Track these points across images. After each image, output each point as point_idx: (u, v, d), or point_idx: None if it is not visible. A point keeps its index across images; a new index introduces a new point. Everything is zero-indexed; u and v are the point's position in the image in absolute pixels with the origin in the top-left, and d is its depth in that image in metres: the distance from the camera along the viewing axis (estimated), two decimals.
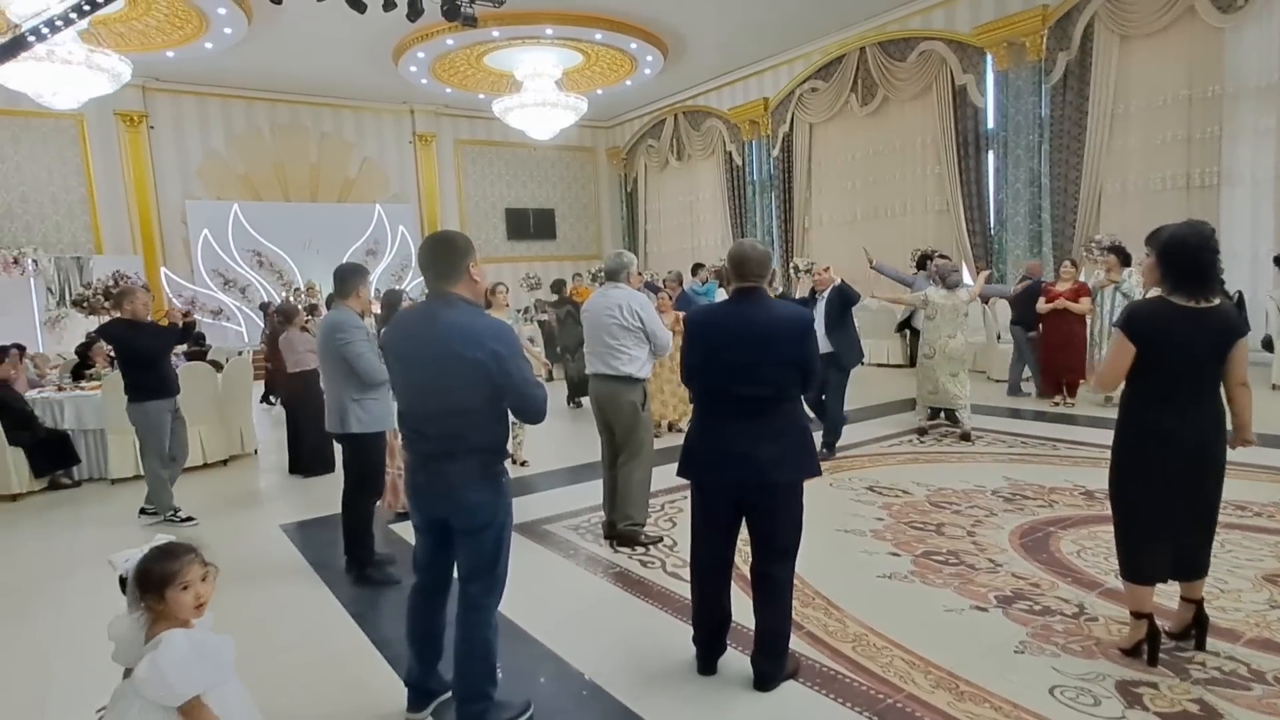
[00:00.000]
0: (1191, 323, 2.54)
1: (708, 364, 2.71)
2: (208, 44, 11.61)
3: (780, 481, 2.63)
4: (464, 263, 2.44)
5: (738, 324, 2.67)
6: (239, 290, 14.71)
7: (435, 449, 2.42)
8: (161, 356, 5.22)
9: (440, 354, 2.34)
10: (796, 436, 2.68)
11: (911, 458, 5.99)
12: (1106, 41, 10.03)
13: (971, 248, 11.79)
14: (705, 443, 2.72)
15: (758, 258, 2.76)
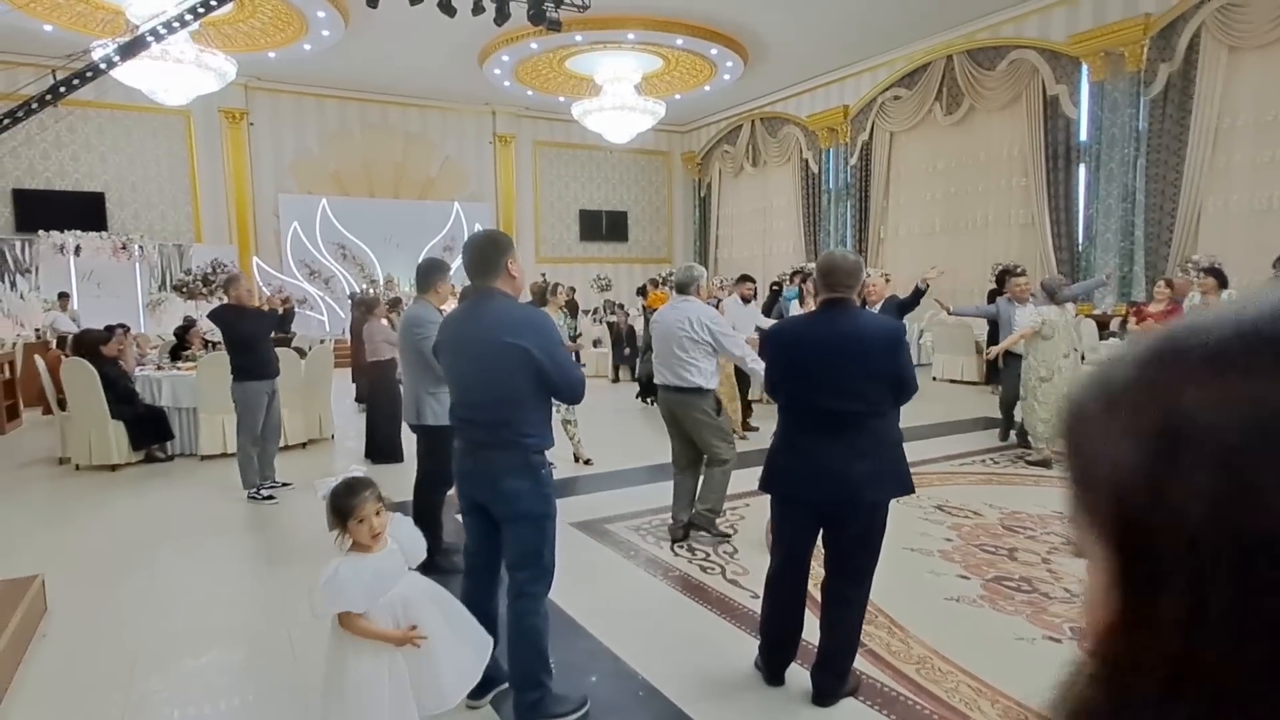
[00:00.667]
0: None
1: (794, 377, 2.66)
2: (306, 45, 12.16)
3: (871, 500, 2.57)
4: (503, 259, 2.56)
5: (826, 336, 2.59)
6: (323, 281, 15.34)
7: (483, 437, 2.55)
8: (262, 340, 5.53)
9: (485, 343, 2.48)
10: (889, 453, 2.61)
11: (984, 478, 5.81)
12: (1214, 52, 9.51)
13: (1057, 264, 11.33)
14: (791, 458, 2.65)
15: (848, 267, 2.63)
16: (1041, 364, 6.03)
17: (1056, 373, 5.95)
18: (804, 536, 2.71)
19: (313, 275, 15.31)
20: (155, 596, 3.87)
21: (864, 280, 5.41)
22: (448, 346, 2.66)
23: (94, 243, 12.66)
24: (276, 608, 3.69)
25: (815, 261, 4.77)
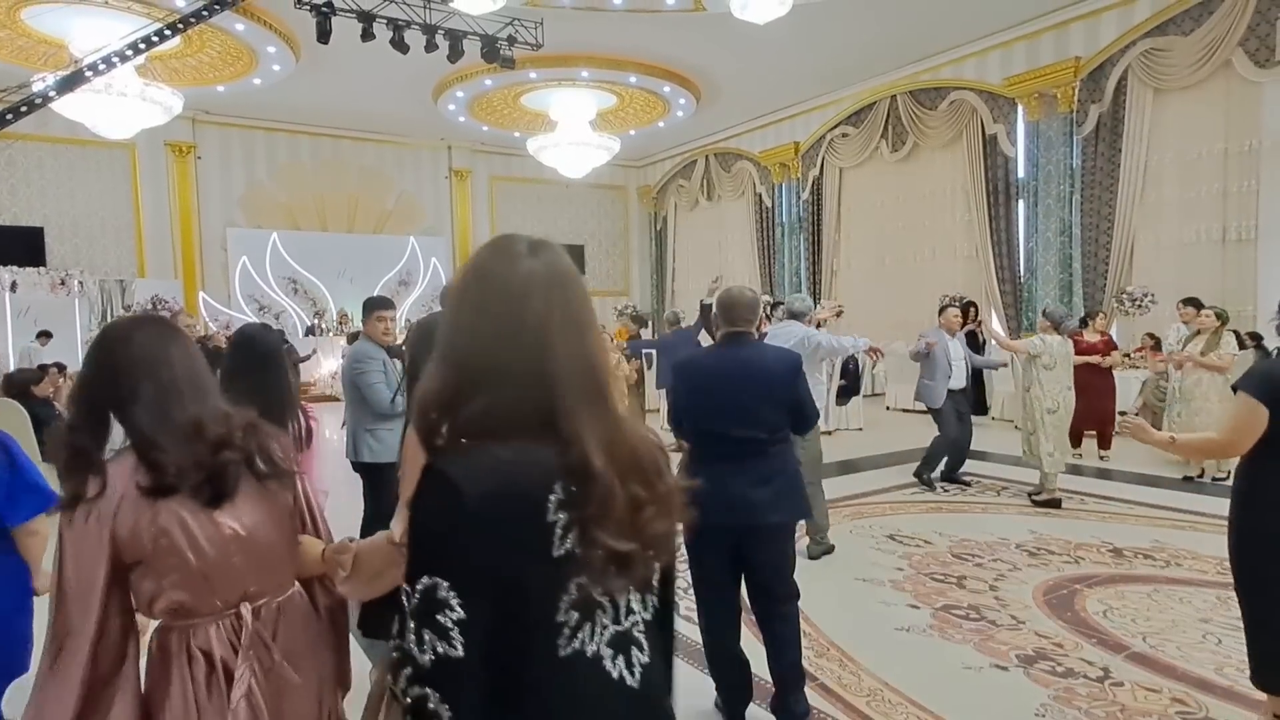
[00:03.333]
0: None
1: (699, 407, 2.76)
2: (256, 80, 12.05)
3: (775, 523, 2.66)
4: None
5: (729, 367, 2.72)
6: (273, 316, 15.02)
7: None
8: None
9: None
10: (789, 478, 2.71)
11: (934, 506, 5.89)
12: (1140, 94, 10.01)
13: (1001, 295, 11.70)
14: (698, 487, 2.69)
15: (746, 302, 2.80)
16: (1047, 395, 5.89)
17: (1062, 404, 5.85)
18: (725, 571, 2.74)
19: (262, 310, 14.98)
20: None
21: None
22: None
23: (31, 278, 12.25)
24: None
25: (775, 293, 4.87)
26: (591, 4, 9.90)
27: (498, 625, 0.91)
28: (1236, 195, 9.32)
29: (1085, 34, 10.45)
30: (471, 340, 0.99)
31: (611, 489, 0.95)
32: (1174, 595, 3.89)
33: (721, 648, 2.77)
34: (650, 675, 1.03)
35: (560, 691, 0.95)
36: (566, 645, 0.96)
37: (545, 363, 0.97)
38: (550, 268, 1.02)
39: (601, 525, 0.94)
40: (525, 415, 0.96)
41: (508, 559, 0.92)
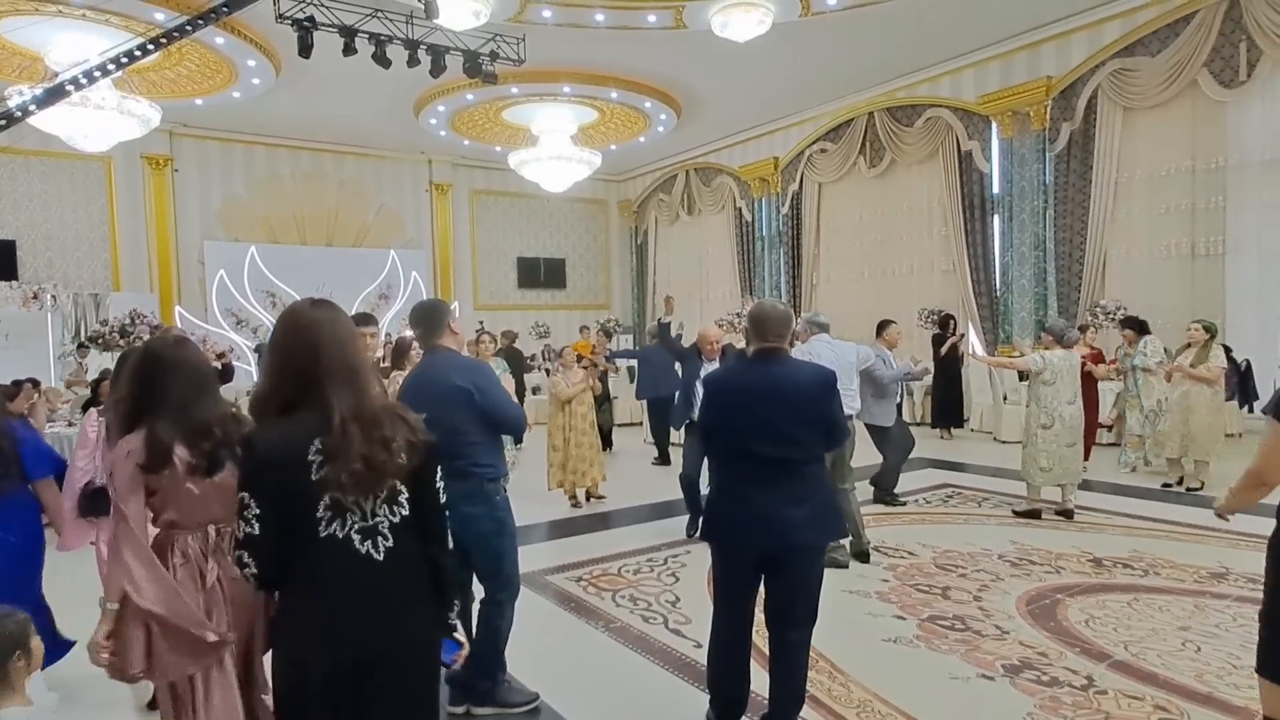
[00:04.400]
0: None
1: (730, 425, 2.69)
2: (236, 93, 11.98)
3: (809, 545, 2.62)
4: (442, 321, 3.06)
5: (762, 384, 2.64)
6: (251, 330, 14.87)
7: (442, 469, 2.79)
8: None
9: (436, 387, 2.88)
10: (823, 498, 2.67)
11: (918, 518, 5.96)
12: (1110, 113, 10.27)
13: (978, 309, 11.88)
14: (730, 505, 2.68)
15: (779, 317, 2.72)
16: (1043, 410, 5.80)
17: (1058, 419, 5.73)
18: (746, 585, 2.71)
19: (240, 324, 14.82)
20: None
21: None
22: (411, 396, 2.94)
23: (2, 292, 12.03)
24: None
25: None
26: (574, 21, 9.97)
27: (280, 518, 1.65)
28: (1204, 211, 9.57)
29: (1056, 54, 10.71)
30: (277, 359, 1.75)
31: (349, 440, 1.64)
32: (1153, 604, 3.97)
33: (731, 660, 2.74)
34: (394, 556, 1.71)
35: (318, 556, 1.67)
36: (324, 531, 1.67)
37: (316, 369, 1.69)
38: (324, 313, 1.78)
39: (338, 461, 1.63)
40: (303, 400, 1.69)
41: (283, 483, 1.66)
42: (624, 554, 5.17)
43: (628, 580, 4.65)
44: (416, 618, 1.75)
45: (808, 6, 9.60)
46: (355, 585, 1.66)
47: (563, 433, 6.70)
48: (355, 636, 1.65)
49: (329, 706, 1.64)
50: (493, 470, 2.98)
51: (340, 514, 1.66)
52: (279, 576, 1.68)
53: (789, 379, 2.65)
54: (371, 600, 1.67)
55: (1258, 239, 9.22)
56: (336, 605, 1.65)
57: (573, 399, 6.72)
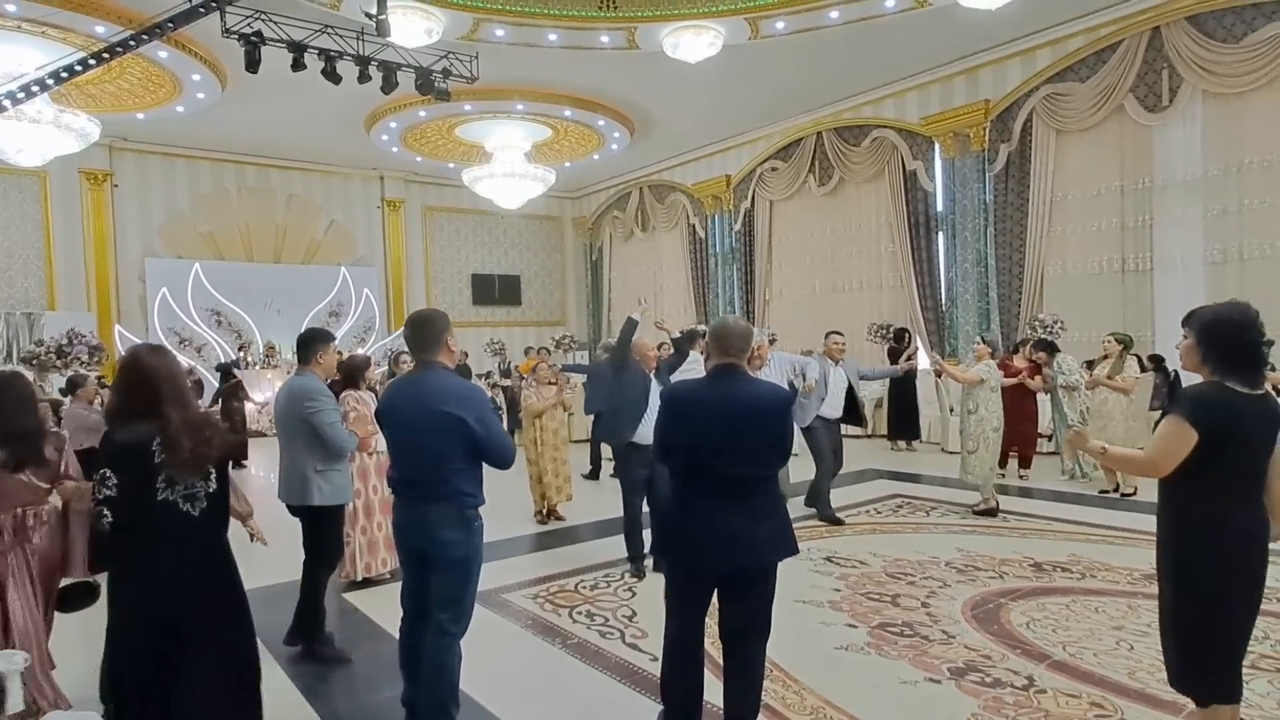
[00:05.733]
0: (1250, 409, 2.30)
1: (689, 442, 2.65)
2: (179, 107, 11.73)
3: (772, 562, 2.62)
4: (441, 336, 2.90)
5: (721, 401, 2.61)
6: (195, 350, 14.47)
7: (423, 493, 2.82)
8: None
9: (425, 410, 2.77)
10: (781, 515, 2.68)
11: (869, 528, 6.09)
12: (1044, 135, 10.72)
13: (925, 323, 12.22)
14: (689, 523, 2.65)
15: (740, 333, 2.71)
16: (993, 414, 6.44)
17: (1000, 423, 6.47)
18: (702, 602, 2.73)
19: (183, 344, 14.41)
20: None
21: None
22: (392, 413, 2.94)
23: None
24: None
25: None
26: (527, 40, 10.05)
27: (129, 488, 2.39)
28: (1133, 229, 10.03)
29: (994, 78, 11.16)
30: (127, 387, 2.52)
31: (178, 439, 2.40)
32: (1090, 605, 4.13)
33: (684, 672, 2.74)
34: (206, 513, 2.50)
35: (154, 513, 2.41)
36: (159, 496, 2.41)
37: (156, 392, 2.46)
38: (157, 355, 2.59)
39: (173, 454, 2.39)
40: (149, 411, 2.43)
41: (132, 468, 2.39)
42: (582, 570, 5.17)
43: (585, 596, 4.65)
44: (221, 552, 2.61)
45: (756, 30, 9.84)
46: (181, 531, 2.45)
47: (535, 447, 6.71)
48: (181, 563, 2.45)
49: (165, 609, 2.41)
50: (473, 499, 2.86)
51: (171, 485, 2.43)
52: (127, 525, 2.38)
53: (749, 396, 2.64)
54: (190, 540, 2.48)
55: (1182, 255, 9.70)
56: (168, 543, 2.44)
57: (543, 413, 6.74)
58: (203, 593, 2.49)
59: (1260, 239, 8.97)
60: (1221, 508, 2.32)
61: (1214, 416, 2.28)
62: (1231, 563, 2.31)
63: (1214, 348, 2.36)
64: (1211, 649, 2.33)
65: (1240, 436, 2.29)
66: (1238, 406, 2.29)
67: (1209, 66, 9.06)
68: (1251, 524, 2.33)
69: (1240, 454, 2.31)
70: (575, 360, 15.05)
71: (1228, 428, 2.27)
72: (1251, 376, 2.33)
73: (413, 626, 2.95)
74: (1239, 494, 2.33)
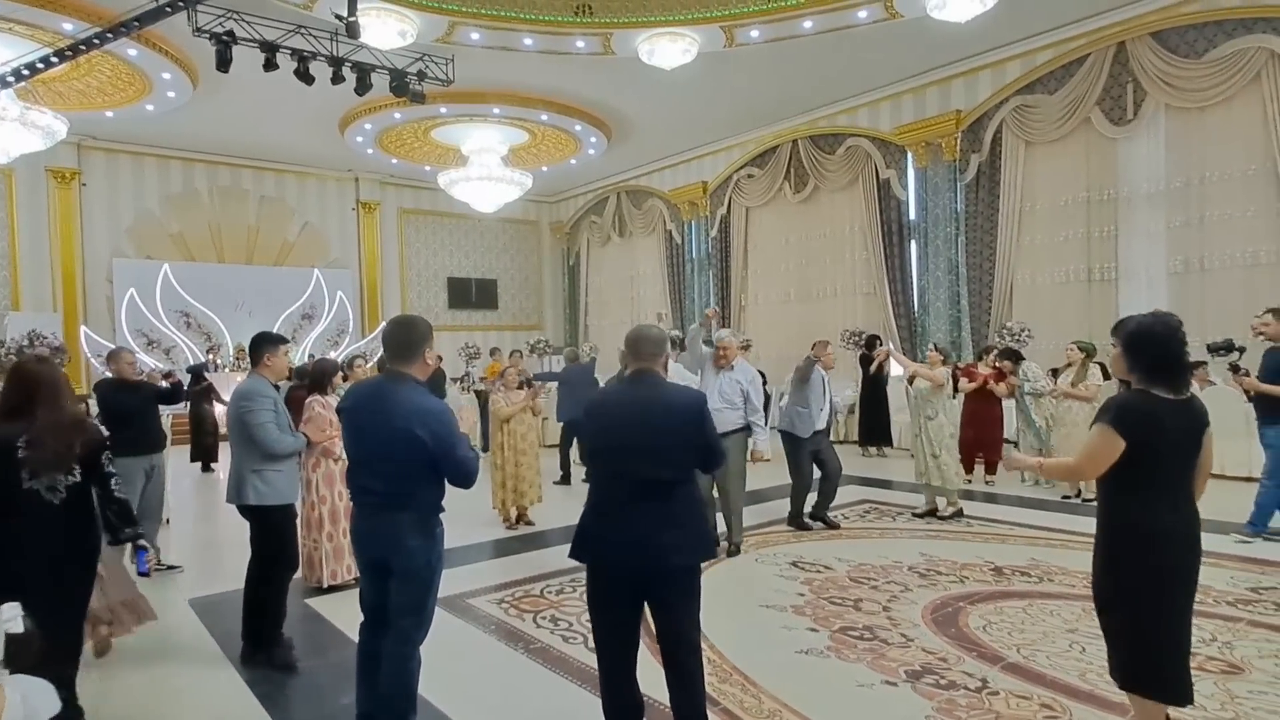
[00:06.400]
0: (1174, 415, 2.41)
1: (606, 446, 2.70)
2: (149, 106, 11.59)
3: (681, 566, 2.59)
4: (421, 347, 2.84)
5: (634, 405, 2.67)
6: (163, 352, 14.26)
7: (380, 502, 2.79)
8: (137, 413, 5.44)
9: (386, 426, 2.73)
10: (696, 519, 2.67)
11: (836, 533, 6.13)
12: (1013, 146, 10.90)
13: (898, 330, 12.35)
14: (602, 525, 2.66)
15: (653, 338, 2.77)
16: (950, 421, 6.63)
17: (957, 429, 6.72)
18: (623, 603, 2.67)
19: (151, 345, 14.19)
20: None
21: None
22: (351, 417, 2.89)
23: None
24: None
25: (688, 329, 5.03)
26: (503, 44, 10.05)
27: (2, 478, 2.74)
28: (1098, 240, 10.23)
29: (965, 90, 11.33)
30: (8, 388, 2.88)
31: (43, 438, 2.76)
32: (1046, 609, 4.20)
33: (618, 693, 2.70)
34: (66, 502, 2.82)
35: (21, 499, 2.74)
36: (25, 485, 2.74)
37: (32, 396, 2.81)
38: (41, 364, 2.99)
39: (34, 449, 2.73)
40: (22, 413, 2.79)
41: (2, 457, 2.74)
42: (548, 575, 5.16)
43: (550, 601, 4.65)
44: (80, 535, 2.92)
45: (731, 38, 9.92)
46: (43, 517, 2.78)
47: (503, 452, 6.68)
48: (42, 544, 2.79)
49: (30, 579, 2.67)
50: (433, 504, 2.83)
51: (35, 477, 2.75)
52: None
53: (661, 400, 2.66)
54: (51, 525, 2.80)
55: (1146, 265, 9.90)
56: (32, 527, 2.77)
57: (511, 418, 6.72)
58: (55, 565, 2.85)
59: (1220, 251, 9.19)
60: (1148, 510, 2.43)
61: (1139, 423, 2.39)
62: (1158, 562, 2.42)
63: (1139, 357, 2.48)
64: (1145, 647, 2.42)
65: (1165, 441, 2.41)
66: (1161, 413, 2.41)
67: (1172, 81, 9.28)
68: (1177, 525, 2.44)
69: (1165, 458, 2.43)
70: (550, 364, 15.01)
71: (1152, 434, 2.39)
72: (1175, 383, 2.45)
73: (372, 634, 2.93)
74: (1165, 496, 2.44)
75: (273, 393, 3.90)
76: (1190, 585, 2.45)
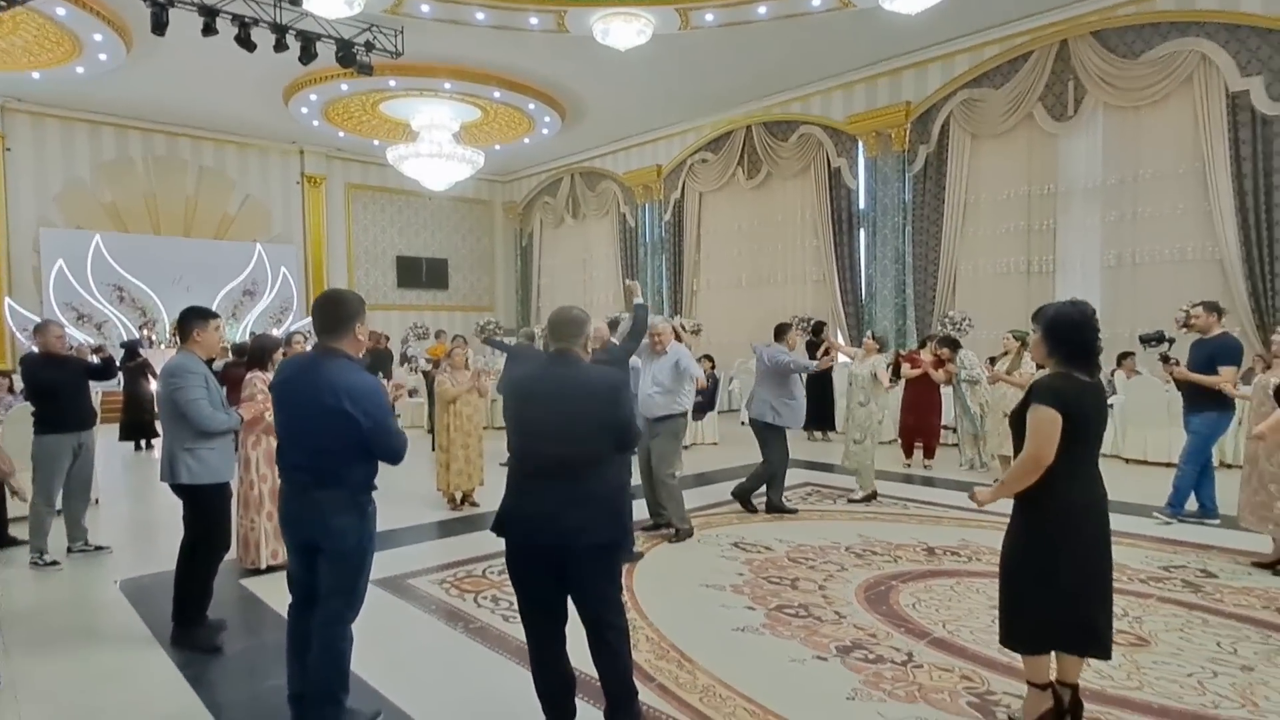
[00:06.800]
0: (1091, 396, 2.63)
1: (522, 423, 2.73)
2: (79, 68, 11.05)
3: (589, 544, 2.59)
4: (351, 323, 2.77)
5: (550, 385, 2.70)
6: (95, 326, 13.71)
7: (309, 479, 2.74)
8: (65, 389, 5.20)
9: (316, 402, 2.67)
10: (605, 500, 2.65)
11: (776, 515, 6.24)
12: (960, 139, 11.15)
13: (845, 317, 12.58)
14: (516, 503, 2.69)
15: (570, 320, 2.79)
16: (880, 408, 6.78)
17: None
18: (538, 580, 2.69)
19: (82, 319, 13.63)
20: None
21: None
22: (280, 394, 2.83)
23: None
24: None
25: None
26: (454, 17, 9.85)
27: None
28: (1038, 233, 10.55)
29: (915, 81, 11.52)
30: None
31: None
32: (972, 587, 4.35)
33: (546, 667, 2.73)
34: None
35: None
36: None
37: None
38: None
39: None
40: None
41: None
42: (490, 555, 5.13)
43: (491, 581, 4.63)
44: None
45: (686, 21, 9.90)
46: None
47: (448, 433, 6.61)
48: None
49: None
50: (365, 481, 2.79)
51: None
52: None
53: (575, 381, 2.68)
54: None
55: (1081, 258, 10.26)
56: None
57: (457, 399, 6.64)
58: None
59: (1152, 245, 9.57)
60: (1061, 482, 2.61)
61: (1069, 400, 2.59)
62: (1066, 530, 2.61)
63: (1058, 343, 2.67)
64: (1045, 610, 2.63)
65: (1083, 418, 2.61)
66: (1081, 392, 2.62)
67: (1110, 80, 9.58)
68: (1085, 496, 2.65)
69: (1082, 433, 2.62)
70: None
71: (1078, 410, 2.59)
72: (1089, 367, 2.65)
73: (301, 614, 2.87)
74: (1077, 469, 2.63)
75: (203, 369, 3.79)
76: (1096, 551, 2.64)
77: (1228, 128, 8.81)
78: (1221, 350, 5.47)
